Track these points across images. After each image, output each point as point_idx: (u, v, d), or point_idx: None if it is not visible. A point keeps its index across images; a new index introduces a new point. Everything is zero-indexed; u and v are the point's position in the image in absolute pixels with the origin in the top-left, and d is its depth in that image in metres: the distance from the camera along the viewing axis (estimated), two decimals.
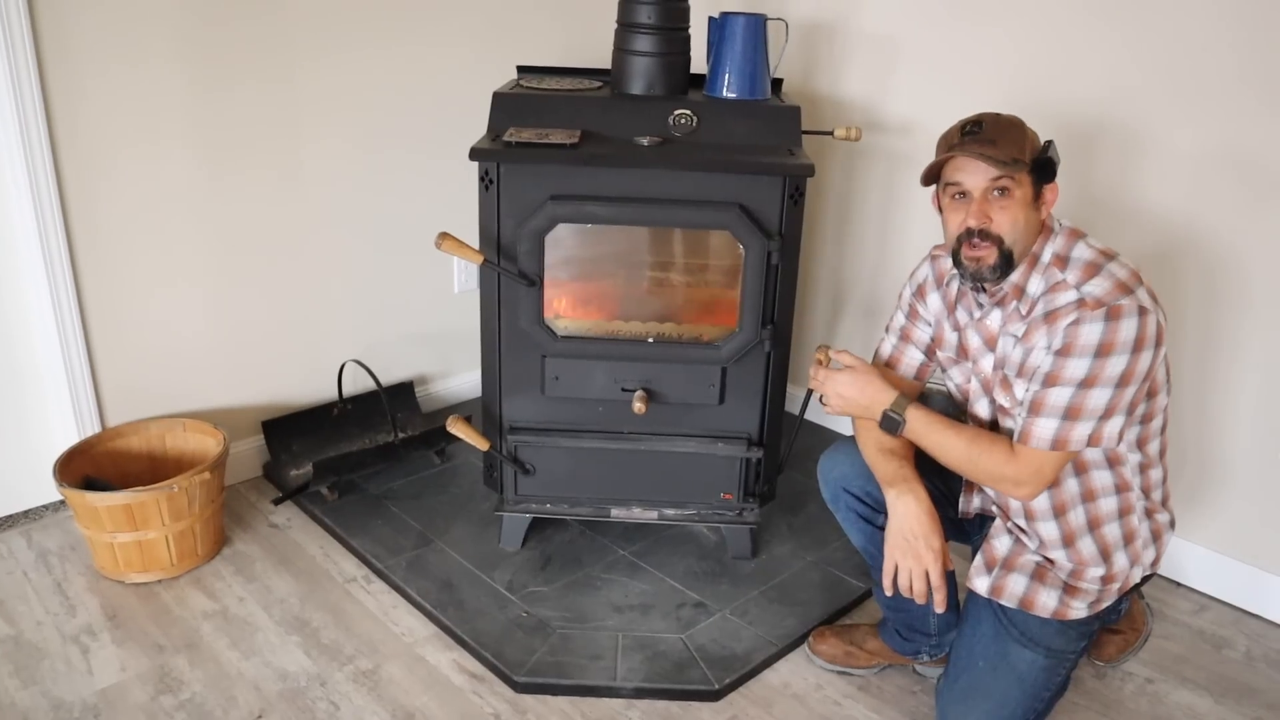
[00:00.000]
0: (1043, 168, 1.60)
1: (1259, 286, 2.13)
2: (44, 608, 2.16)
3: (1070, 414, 1.56)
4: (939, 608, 1.69)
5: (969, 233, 1.61)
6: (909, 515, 1.67)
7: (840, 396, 1.77)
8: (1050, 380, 1.57)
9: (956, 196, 1.62)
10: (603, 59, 2.35)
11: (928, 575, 1.67)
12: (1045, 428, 1.58)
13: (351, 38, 2.56)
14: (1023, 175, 1.58)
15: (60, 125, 2.17)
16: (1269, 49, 2.01)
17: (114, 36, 2.18)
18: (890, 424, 1.72)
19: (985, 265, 1.61)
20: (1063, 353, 1.55)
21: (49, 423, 2.41)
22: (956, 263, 1.66)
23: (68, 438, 2.37)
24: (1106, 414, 1.55)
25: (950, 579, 1.70)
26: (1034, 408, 1.59)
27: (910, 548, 1.67)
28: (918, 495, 1.68)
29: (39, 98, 2.11)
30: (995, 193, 1.58)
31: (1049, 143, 1.61)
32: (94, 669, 1.98)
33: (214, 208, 2.46)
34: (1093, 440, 1.57)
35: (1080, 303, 1.55)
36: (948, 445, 1.68)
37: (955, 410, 1.87)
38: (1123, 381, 1.53)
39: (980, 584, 1.76)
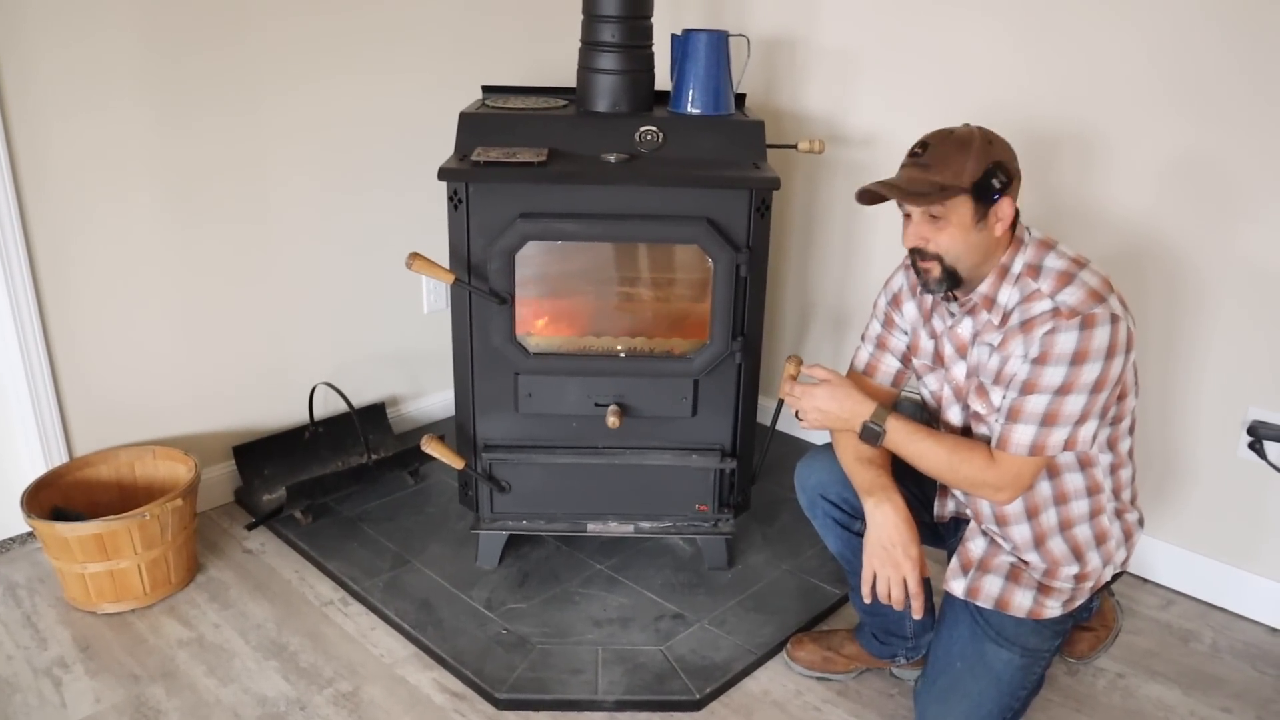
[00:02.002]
0: (982, 191, 1.58)
1: (1218, 289, 2.19)
2: (14, 641, 2.12)
3: (1048, 420, 1.59)
4: (916, 614, 1.71)
5: (910, 251, 1.66)
6: (887, 524, 1.69)
7: (818, 410, 1.78)
8: (1028, 388, 1.60)
9: (904, 214, 1.68)
10: (568, 78, 2.37)
11: (906, 583, 1.70)
12: (1023, 434, 1.61)
13: (317, 64, 2.56)
14: (957, 199, 1.58)
15: (22, 152, 2.15)
16: (1228, 59, 2.07)
17: (77, 47, 2.17)
18: (870, 435, 1.74)
19: (931, 278, 1.67)
20: (1039, 361, 1.58)
21: (15, 453, 2.38)
22: (915, 272, 1.71)
23: (35, 468, 2.34)
24: (1082, 419, 1.59)
25: (925, 585, 1.72)
26: (1012, 414, 1.62)
27: (888, 556, 1.69)
28: (895, 504, 1.70)
29: None
30: (930, 216, 1.62)
31: (997, 164, 1.58)
32: (68, 702, 1.95)
33: (181, 234, 2.44)
34: (1068, 444, 1.61)
35: (1055, 312, 1.58)
36: (928, 454, 1.70)
37: (926, 417, 1.90)
38: (1097, 387, 1.57)
39: (957, 586, 1.78)
